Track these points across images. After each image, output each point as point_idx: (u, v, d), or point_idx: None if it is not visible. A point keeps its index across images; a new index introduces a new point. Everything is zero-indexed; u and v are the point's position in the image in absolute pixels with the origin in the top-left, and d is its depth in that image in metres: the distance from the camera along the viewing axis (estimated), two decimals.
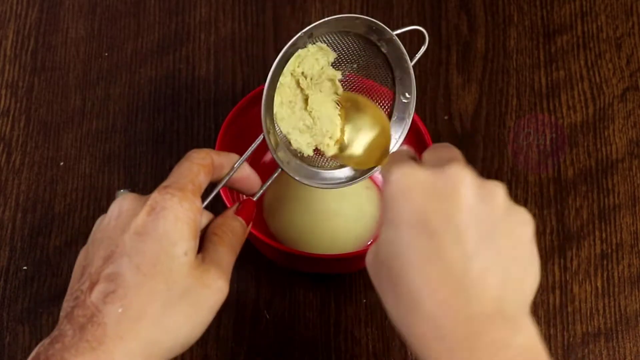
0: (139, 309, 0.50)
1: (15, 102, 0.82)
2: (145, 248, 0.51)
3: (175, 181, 0.54)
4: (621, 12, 0.87)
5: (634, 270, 0.76)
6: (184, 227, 0.52)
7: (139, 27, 0.85)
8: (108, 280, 0.51)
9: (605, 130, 0.82)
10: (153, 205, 0.52)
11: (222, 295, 0.53)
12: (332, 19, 0.59)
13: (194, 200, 0.53)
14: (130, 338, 0.50)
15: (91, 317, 0.50)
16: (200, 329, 0.53)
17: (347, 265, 0.72)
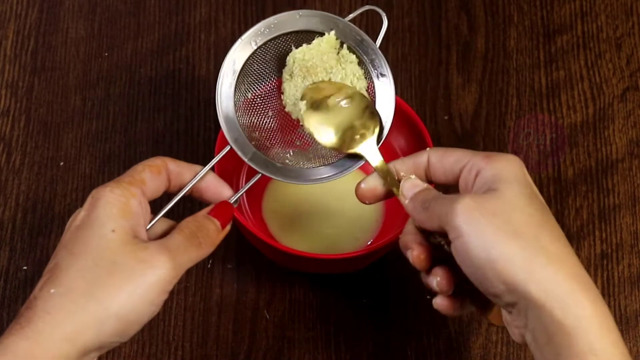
0: (67, 286, 0.51)
1: (15, 102, 0.82)
2: (79, 235, 0.53)
3: (116, 179, 0.56)
4: (621, 12, 0.87)
5: (634, 270, 0.76)
6: (113, 208, 0.53)
7: (139, 27, 0.85)
8: (48, 273, 0.52)
9: (605, 130, 0.82)
10: (90, 201, 0.54)
11: (163, 274, 0.52)
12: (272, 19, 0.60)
13: (128, 187, 0.55)
14: (56, 312, 0.51)
15: (27, 305, 0.51)
16: (138, 305, 0.52)
17: (347, 265, 0.72)
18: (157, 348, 0.72)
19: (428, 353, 0.73)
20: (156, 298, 0.53)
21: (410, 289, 0.75)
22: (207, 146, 0.80)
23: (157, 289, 0.53)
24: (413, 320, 0.74)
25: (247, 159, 0.60)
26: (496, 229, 0.51)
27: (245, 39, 0.61)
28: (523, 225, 0.51)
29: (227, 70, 0.61)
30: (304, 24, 0.61)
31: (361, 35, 0.61)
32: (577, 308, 0.49)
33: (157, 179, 0.57)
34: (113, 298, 0.51)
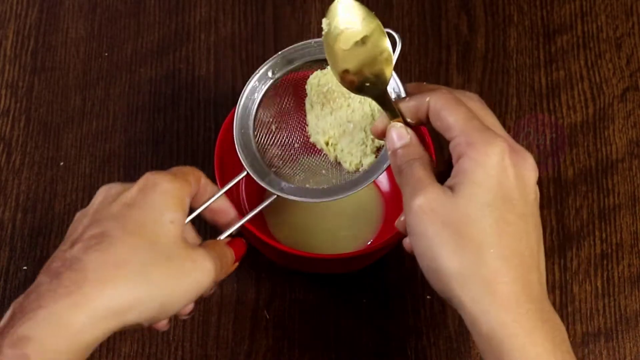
0: (122, 257, 0.50)
1: (15, 102, 0.82)
2: (132, 214, 0.52)
3: (167, 171, 0.56)
4: (621, 12, 0.87)
5: (634, 270, 0.76)
6: (172, 199, 0.53)
7: (139, 27, 0.85)
8: (91, 238, 0.51)
9: (605, 130, 0.82)
10: (145, 182, 0.54)
11: (206, 277, 0.54)
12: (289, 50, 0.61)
13: (184, 185, 0.55)
14: (109, 283, 0.49)
15: (70, 265, 0.49)
16: (179, 299, 0.53)
17: (347, 265, 0.72)
18: (157, 348, 0.72)
19: (428, 353, 0.73)
20: (192, 299, 0.54)
21: (410, 289, 0.75)
22: (207, 146, 0.80)
23: (197, 291, 0.54)
24: (413, 320, 0.74)
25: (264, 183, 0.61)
26: (442, 242, 0.50)
27: (263, 71, 0.62)
28: (471, 241, 0.49)
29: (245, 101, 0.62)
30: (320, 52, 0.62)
31: None
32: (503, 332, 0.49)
33: (195, 186, 0.58)
34: (164, 285, 0.51)
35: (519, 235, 0.50)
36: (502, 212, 0.50)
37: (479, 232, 0.49)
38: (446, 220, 0.50)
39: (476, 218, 0.49)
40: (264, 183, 0.61)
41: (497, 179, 0.50)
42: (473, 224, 0.49)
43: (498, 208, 0.50)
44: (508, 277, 0.49)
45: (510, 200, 0.50)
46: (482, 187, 0.50)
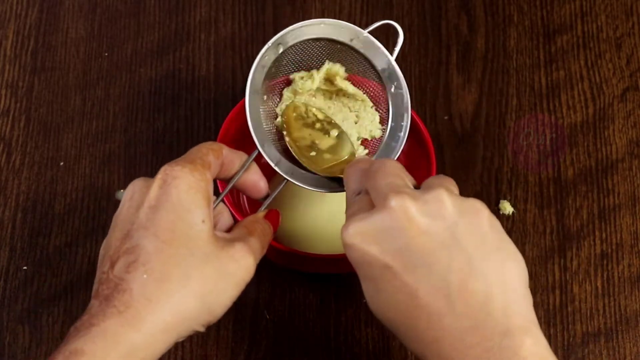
0: (163, 272, 0.50)
1: (15, 102, 0.82)
2: (160, 217, 0.51)
3: (184, 158, 0.54)
4: (621, 12, 0.87)
5: (634, 270, 0.76)
6: (197, 195, 0.52)
7: (139, 27, 0.85)
8: (128, 253, 0.50)
9: (605, 130, 0.82)
10: (164, 178, 0.52)
11: (248, 273, 0.53)
12: (298, 26, 0.61)
13: (205, 172, 0.53)
14: (157, 300, 0.49)
15: (115, 287, 0.49)
16: (227, 301, 0.53)
17: (347, 265, 0.72)
18: None
19: None
20: (237, 295, 0.53)
21: None
22: None
23: (241, 287, 0.53)
24: None
25: (274, 164, 0.61)
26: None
27: (273, 41, 0.61)
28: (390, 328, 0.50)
29: (256, 74, 0.61)
30: (325, 33, 0.62)
31: (378, 47, 0.63)
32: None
33: (217, 163, 0.56)
34: (208, 292, 0.51)
35: (410, 295, 0.48)
36: (386, 286, 0.49)
37: (386, 320, 0.50)
38: (373, 308, 0.51)
39: (377, 311, 0.50)
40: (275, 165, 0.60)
41: (363, 264, 0.50)
42: (381, 316, 0.50)
43: (382, 288, 0.49)
44: (425, 343, 0.48)
45: (385, 268, 0.49)
46: (365, 283, 0.51)
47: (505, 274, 0.49)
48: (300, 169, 0.62)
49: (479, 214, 0.50)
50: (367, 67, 0.64)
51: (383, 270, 0.48)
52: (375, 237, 0.49)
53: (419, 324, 0.48)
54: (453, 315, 0.47)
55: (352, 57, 0.64)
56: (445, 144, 0.81)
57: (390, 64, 0.63)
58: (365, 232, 0.49)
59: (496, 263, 0.49)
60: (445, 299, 0.47)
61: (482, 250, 0.49)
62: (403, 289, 0.48)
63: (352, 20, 0.84)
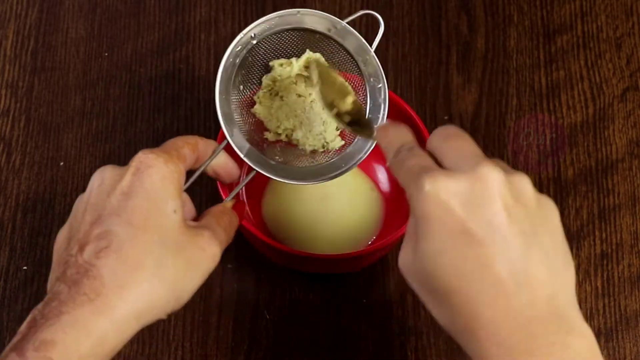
0: (136, 259, 0.50)
1: (15, 102, 0.82)
2: (134, 204, 0.51)
3: (159, 148, 0.55)
4: (621, 12, 0.87)
5: (634, 270, 0.76)
6: (171, 185, 0.52)
7: (139, 27, 0.85)
8: (99, 238, 0.50)
9: (605, 130, 0.82)
10: (138, 166, 0.53)
11: (214, 262, 0.54)
12: (273, 15, 0.61)
13: (178, 164, 0.54)
14: (129, 287, 0.49)
15: (86, 272, 0.49)
16: (193, 289, 0.53)
17: (347, 265, 0.72)
18: (157, 348, 0.72)
19: (428, 353, 0.73)
20: (202, 283, 0.53)
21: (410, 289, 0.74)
22: None
23: (206, 275, 0.54)
24: (413, 320, 0.74)
25: (243, 155, 0.60)
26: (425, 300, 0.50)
27: (246, 33, 0.61)
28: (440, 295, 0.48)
29: (228, 64, 0.61)
30: (302, 23, 0.62)
31: (357, 38, 0.62)
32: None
33: (192, 157, 0.57)
34: (179, 280, 0.51)
35: (483, 266, 0.47)
36: (457, 251, 0.47)
37: (442, 283, 0.48)
38: (418, 278, 0.50)
39: (435, 270, 0.48)
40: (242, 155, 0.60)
41: (439, 222, 0.48)
42: (435, 278, 0.48)
43: (451, 250, 0.47)
44: (482, 319, 0.47)
45: (464, 233, 0.47)
46: (429, 238, 0.48)
47: (568, 279, 0.49)
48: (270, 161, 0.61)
49: (554, 213, 0.51)
50: (347, 58, 0.63)
51: (460, 234, 0.47)
52: (461, 198, 0.47)
53: (481, 298, 0.47)
54: (521, 298, 0.47)
55: (331, 47, 0.63)
56: None
57: (370, 55, 0.62)
58: (453, 190, 0.47)
59: (564, 266, 0.49)
60: (516, 282, 0.47)
61: (555, 249, 0.49)
62: (476, 259, 0.47)
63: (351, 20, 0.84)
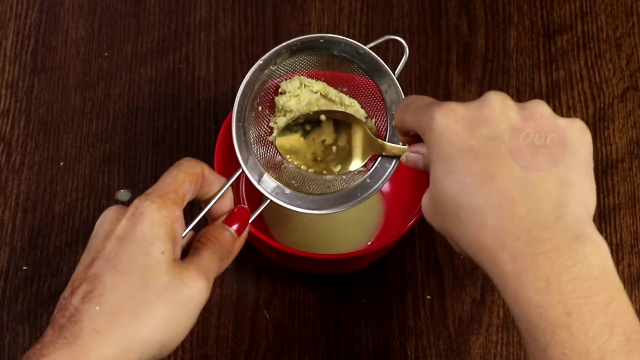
0: (115, 305, 0.51)
1: (15, 102, 0.82)
2: (123, 250, 0.52)
3: (159, 189, 0.55)
4: (621, 12, 0.87)
5: (634, 270, 0.76)
6: (160, 230, 0.53)
7: (139, 27, 0.85)
8: (87, 282, 0.52)
9: (605, 130, 0.82)
10: (133, 212, 0.53)
11: (203, 297, 0.54)
12: (295, 40, 0.60)
13: (174, 209, 0.54)
14: (106, 332, 0.50)
15: (70, 317, 0.51)
16: (181, 330, 0.53)
17: (347, 265, 0.72)
18: None
19: (428, 353, 0.73)
20: (194, 321, 0.54)
21: (410, 289, 0.75)
22: (207, 146, 0.80)
23: (197, 311, 0.54)
24: (413, 320, 0.74)
25: (257, 184, 0.61)
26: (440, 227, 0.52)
27: (266, 59, 0.60)
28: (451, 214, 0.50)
29: (246, 90, 0.61)
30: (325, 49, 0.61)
31: (381, 65, 0.61)
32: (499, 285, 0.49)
33: (194, 188, 0.57)
34: (160, 325, 0.52)
35: (487, 178, 0.49)
36: (463, 168, 0.50)
37: (452, 202, 0.50)
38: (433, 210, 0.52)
39: (444, 192, 0.50)
40: (258, 184, 0.61)
41: (447, 143, 0.50)
42: (444, 199, 0.50)
43: (457, 168, 0.50)
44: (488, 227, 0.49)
45: (470, 150, 0.50)
46: (437, 162, 0.51)
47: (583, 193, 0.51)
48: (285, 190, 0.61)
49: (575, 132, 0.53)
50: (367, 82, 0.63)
51: (465, 152, 0.50)
52: (467, 121, 0.50)
53: (486, 207, 0.49)
54: (525, 206, 0.48)
55: (353, 70, 0.62)
56: None
57: (393, 81, 0.61)
58: (458, 114, 0.50)
59: (579, 181, 0.51)
60: (521, 191, 0.49)
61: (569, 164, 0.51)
62: (481, 172, 0.49)
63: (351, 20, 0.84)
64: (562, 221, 0.48)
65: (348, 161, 0.62)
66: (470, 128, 0.50)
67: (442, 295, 0.74)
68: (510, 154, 0.50)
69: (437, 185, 0.51)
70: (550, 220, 0.48)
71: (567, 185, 0.50)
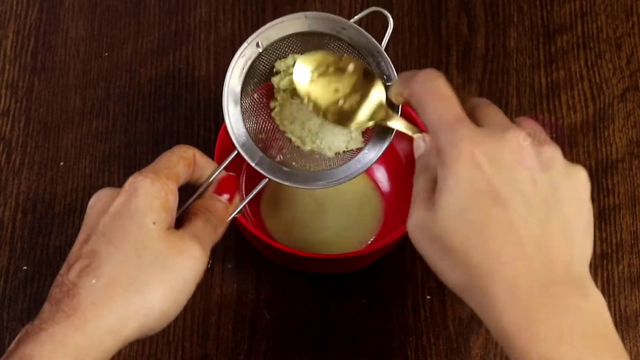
0: (110, 276, 0.51)
1: (15, 102, 0.82)
2: (118, 224, 0.53)
3: (152, 167, 0.56)
4: (621, 12, 0.87)
5: (634, 270, 0.76)
6: (154, 201, 0.53)
7: (139, 27, 0.85)
8: (83, 258, 0.52)
9: (605, 130, 0.82)
10: (128, 188, 0.54)
11: (199, 263, 0.54)
12: (278, 21, 0.60)
13: (167, 182, 0.55)
14: (102, 303, 0.51)
15: (67, 292, 0.51)
16: (178, 298, 0.54)
17: (347, 265, 0.72)
18: (157, 348, 0.72)
19: (428, 353, 0.73)
20: (192, 287, 0.54)
21: (410, 289, 0.75)
22: (207, 146, 0.80)
23: (194, 278, 0.54)
24: (413, 320, 0.74)
25: (254, 164, 0.60)
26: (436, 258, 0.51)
27: (252, 40, 0.61)
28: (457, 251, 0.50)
29: (235, 72, 0.61)
30: (310, 26, 0.61)
31: (367, 37, 0.61)
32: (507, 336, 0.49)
33: (187, 171, 0.58)
34: (157, 292, 0.52)
35: (505, 226, 0.49)
36: (482, 209, 0.49)
37: (461, 239, 0.49)
38: (432, 235, 0.51)
39: (455, 226, 0.49)
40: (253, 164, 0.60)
41: (468, 179, 0.49)
42: (454, 234, 0.49)
43: (476, 208, 0.49)
44: (499, 276, 0.48)
45: (490, 192, 0.49)
46: (455, 193, 0.49)
47: (586, 250, 0.52)
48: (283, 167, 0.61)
49: (582, 184, 0.53)
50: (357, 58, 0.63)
51: (485, 193, 0.49)
52: (492, 160, 0.49)
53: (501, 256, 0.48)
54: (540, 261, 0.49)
55: (341, 48, 0.62)
56: None
57: (380, 53, 0.61)
58: (485, 151, 0.49)
59: (583, 237, 0.52)
60: (536, 245, 0.49)
61: (577, 220, 0.52)
62: (500, 218, 0.49)
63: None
64: (572, 279, 0.49)
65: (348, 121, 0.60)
66: (495, 168, 0.49)
67: (442, 295, 0.74)
68: (530, 205, 0.49)
69: (447, 219, 0.50)
70: (561, 277, 0.49)
71: (574, 242, 0.51)
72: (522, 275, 0.48)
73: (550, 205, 0.50)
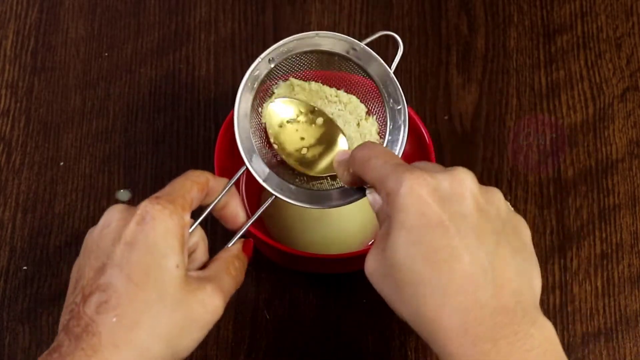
0: (132, 318, 0.51)
1: (15, 102, 0.82)
2: (136, 258, 0.52)
3: (168, 193, 0.55)
4: (621, 12, 0.87)
5: (634, 270, 0.76)
6: (174, 240, 0.53)
7: (139, 27, 0.85)
8: (100, 290, 0.51)
9: (605, 130, 0.82)
10: (143, 215, 0.53)
11: (217, 316, 0.54)
12: (291, 38, 0.61)
13: (183, 215, 0.54)
14: (124, 346, 0.50)
15: (86, 327, 0.51)
16: (193, 344, 0.54)
17: (347, 265, 0.72)
18: None
19: (428, 353, 0.73)
20: (202, 337, 0.55)
21: None
22: (207, 146, 0.80)
23: (210, 327, 0.55)
24: None
25: (262, 180, 0.61)
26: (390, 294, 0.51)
27: (264, 56, 0.61)
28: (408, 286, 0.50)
29: (246, 89, 0.61)
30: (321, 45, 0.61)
31: (377, 60, 0.61)
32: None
33: (200, 196, 0.57)
34: (175, 339, 0.52)
35: (453, 257, 0.49)
36: (431, 241, 0.49)
37: (412, 274, 0.49)
38: (384, 272, 0.51)
39: (405, 262, 0.50)
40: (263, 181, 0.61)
41: (417, 212, 0.50)
42: (404, 269, 0.50)
43: (425, 240, 0.49)
44: (449, 307, 0.48)
45: (439, 224, 0.49)
46: (404, 228, 0.50)
47: (534, 281, 0.52)
48: (290, 185, 0.62)
49: (525, 227, 0.54)
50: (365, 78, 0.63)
51: (435, 226, 0.49)
52: (439, 194, 0.50)
53: (450, 287, 0.48)
54: (489, 291, 0.49)
55: (350, 68, 0.63)
56: (445, 144, 0.81)
57: (389, 76, 0.61)
58: (432, 186, 0.50)
59: (530, 267, 0.52)
60: (485, 275, 0.49)
61: (522, 252, 0.52)
62: (448, 250, 0.49)
63: (351, 20, 0.84)
64: (520, 306, 0.49)
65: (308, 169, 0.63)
66: (442, 202, 0.50)
67: None
68: (477, 236, 0.49)
69: (397, 253, 0.50)
70: (509, 305, 0.49)
71: (522, 273, 0.51)
72: (472, 306, 0.48)
73: (498, 236, 0.51)
